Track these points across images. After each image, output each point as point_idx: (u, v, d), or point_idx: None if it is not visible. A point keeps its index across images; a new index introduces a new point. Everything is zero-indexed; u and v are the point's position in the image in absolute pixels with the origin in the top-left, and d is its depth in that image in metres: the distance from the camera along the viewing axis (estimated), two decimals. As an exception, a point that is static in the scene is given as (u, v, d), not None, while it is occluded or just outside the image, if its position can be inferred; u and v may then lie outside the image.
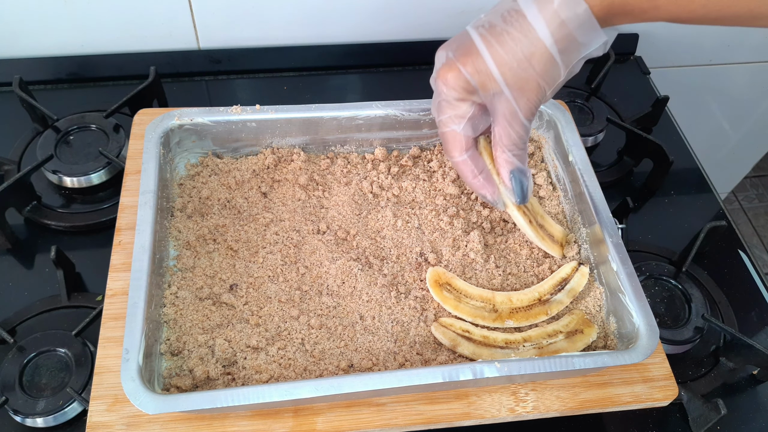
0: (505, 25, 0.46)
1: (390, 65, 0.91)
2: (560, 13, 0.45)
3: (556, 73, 0.47)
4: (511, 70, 0.47)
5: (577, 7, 0.44)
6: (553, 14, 0.45)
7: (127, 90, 0.77)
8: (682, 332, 0.65)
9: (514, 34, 0.46)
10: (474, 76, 0.48)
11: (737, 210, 1.88)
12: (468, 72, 0.48)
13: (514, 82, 0.47)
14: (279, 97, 0.85)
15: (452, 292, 0.58)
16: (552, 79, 0.48)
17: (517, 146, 0.51)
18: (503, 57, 0.46)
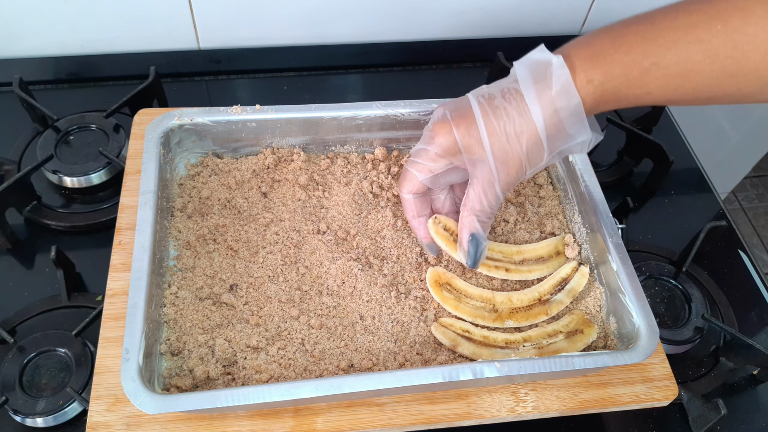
0: (503, 100, 0.49)
1: (390, 65, 0.91)
2: (556, 101, 0.47)
3: (540, 155, 0.50)
4: (500, 142, 0.49)
5: (572, 99, 0.47)
6: (549, 101, 0.47)
7: (127, 90, 0.77)
8: (682, 332, 0.65)
9: (510, 111, 0.48)
10: (464, 138, 0.50)
11: (737, 210, 1.88)
12: (459, 133, 0.50)
13: (500, 154, 0.49)
14: (279, 97, 0.85)
15: (452, 292, 0.58)
16: (535, 161, 0.50)
17: (485, 214, 0.54)
18: (495, 128, 0.49)
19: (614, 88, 0.47)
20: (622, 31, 0.47)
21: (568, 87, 0.47)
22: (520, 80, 0.48)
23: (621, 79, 0.46)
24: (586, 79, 0.47)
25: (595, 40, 0.48)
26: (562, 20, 0.93)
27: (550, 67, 0.47)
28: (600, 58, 0.46)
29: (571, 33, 0.95)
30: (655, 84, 0.46)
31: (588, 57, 0.47)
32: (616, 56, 0.46)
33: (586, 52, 0.47)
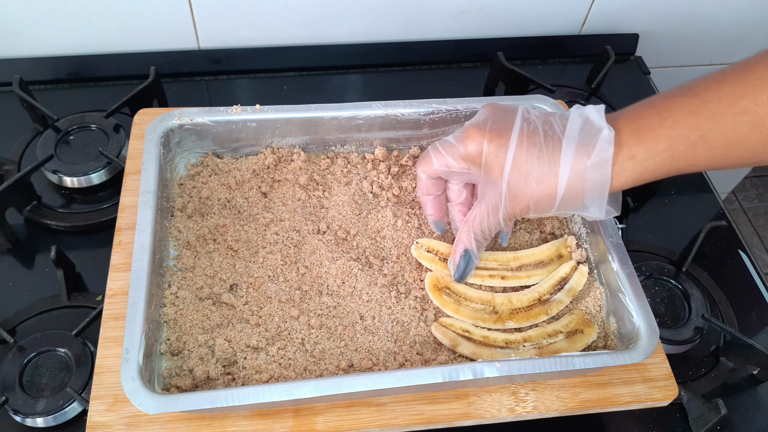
0: (543, 141, 0.48)
1: (390, 65, 0.91)
2: (587, 171, 0.47)
3: (549, 207, 0.50)
4: (519, 177, 0.48)
5: (603, 176, 0.46)
6: (581, 168, 0.47)
7: (127, 90, 0.77)
8: (682, 332, 0.65)
9: (543, 155, 0.48)
10: (489, 156, 0.49)
11: (737, 210, 1.88)
12: (488, 150, 0.49)
13: (515, 187, 0.49)
14: (279, 97, 0.85)
15: (452, 295, 0.58)
16: (540, 211, 0.50)
17: (483, 235, 0.54)
18: (522, 164, 0.48)
19: (657, 164, 0.46)
20: (666, 105, 0.46)
21: (605, 164, 0.46)
22: (568, 132, 0.48)
23: (665, 154, 0.46)
24: (628, 155, 0.46)
25: (640, 113, 0.47)
26: (562, 20, 0.93)
27: (598, 135, 0.46)
28: (645, 132, 0.46)
29: (571, 33, 0.95)
30: (700, 157, 0.46)
31: (634, 132, 0.46)
32: (661, 131, 0.45)
33: (632, 127, 0.46)
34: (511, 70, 0.84)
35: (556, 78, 0.92)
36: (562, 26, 0.94)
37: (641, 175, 0.47)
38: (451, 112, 0.65)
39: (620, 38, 0.95)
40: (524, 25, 0.92)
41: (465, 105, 0.65)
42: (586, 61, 0.93)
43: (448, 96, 0.66)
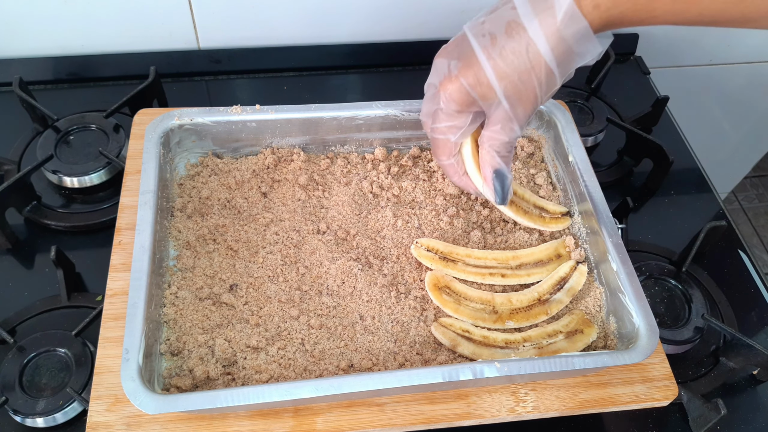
0: (507, 39, 0.47)
1: (390, 65, 0.91)
2: (561, 30, 0.46)
3: (552, 82, 0.49)
4: (511, 83, 0.48)
5: (579, 24, 0.46)
6: (554, 31, 0.46)
7: (127, 90, 0.77)
8: (682, 332, 0.65)
9: (516, 48, 0.47)
10: (475, 88, 0.49)
11: (737, 210, 1.88)
12: (469, 84, 0.49)
13: (513, 93, 0.49)
14: (279, 97, 0.85)
15: (452, 295, 0.58)
16: (548, 89, 0.50)
17: (505, 148, 0.53)
18: (504, 70, 0.48)
19: (621, 13, 0.46)
20: None
21: (573, 13, 0.46)
22: (521, 12, 0.47)
23: (628, 4, 0.45)
24: (593, 5, 0.46)
25: None
26: (562, 20, 0.93)
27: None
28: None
29: (571, 33, 0.95)
30: (661, 9, 0.45)
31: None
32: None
33: None
34: (511, 70, 0.84)
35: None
36: (562, 26, 0.93)
37: (607, 22, 0.47)
38: (451, 112, 0.65)
39: (620, 38, 0.95)
40: (524, 25, 0.92)
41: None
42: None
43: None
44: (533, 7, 0.46)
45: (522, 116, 0.51)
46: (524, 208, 0.62)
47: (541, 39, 0.46)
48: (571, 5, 0.45)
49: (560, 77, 0.49)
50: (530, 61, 0.47)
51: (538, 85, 0.49)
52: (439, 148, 0.55)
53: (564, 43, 0.47)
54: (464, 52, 0.49)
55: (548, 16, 0.46)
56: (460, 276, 0.59)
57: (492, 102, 0.50)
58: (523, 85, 0.48)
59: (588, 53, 0.48)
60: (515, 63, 0.47)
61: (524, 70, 0.48)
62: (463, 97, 0.50)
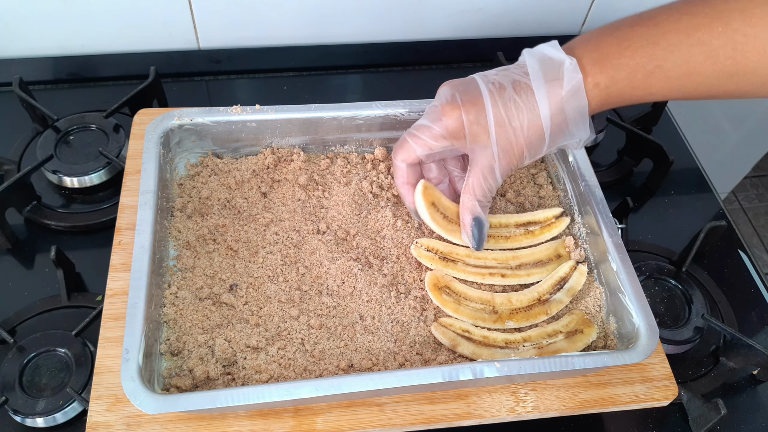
0: (513, 93, 0.50)
1: (390, 65, 0.91)
2: (564, 101, 0.49)
3: (541, 148, 0.52)
4: (506, 134, 0.50)
5: (580, 101, 0.49)
6: (558, 101, 0.49)
7: (127, 90, 0.77)
8: (682, 332, 0.65)
9: (520, 105, 0.50)
10: (472, 126, 0.50)
11: (737, 210, 1.88)
12: (468, 119, 0.50)
13: (505, 144, 0.51)
14: (279, 97, 0.85)
15: (452, 295, 0.58)
16: (535, 153, 0.52)
17: (486, 197, 0.55)
18: (504, 120, 0.50)
19: (619, 90, 0.48)
20: (627, 34, 0.48)
21: (579, 90, 0.48)
22: (532, 75, 0.49)
23: (626, 82, 0.48)
24: (593, 83, 0.48)
25: (601, 42, 0.49)
26: (562, 20, 0.93)
27: (562, 66, 0.48)
28: (606, 62, 0.48)
29: (571, 33, 0.95)
30: (658, 86, 0.47)
31: (595, 61, 0.48)
32: (621, 60, 0.47)
33: (593, 56, 0.49)
34: (511, 70, 0.84)
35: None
36: (562, 26, 0.94)
37: (606, 100, 0.49)
38: (451, 112, 0.65)
39: (620, 38, 0.95)
40: (524, 25, 0.92)
41: None
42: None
43: (448, 96, 0.65)
44: (544, 74, 0.49)
45: (505, 169, 0.52)
46: (504, 234, 0.62)
47: (545, 105, 0.49)
48: (579, 82, 0.48)
49: (547, 148, 0.52)
50: (529, 120, 0.50)
51: (528, 145, 0.51)
52: (402, 149, 0.56)
53: (562, 115, 0.49)
54: (471, 91, 0.51)
55: (556, 86, 0.49)
56: (460, 276, 0.59)
57: (478, 145, 0.51)
58: (515, 140, 0.50)
59: (578, 133, 0.51)
60: (515, 117, 0.50)
61: (520, 126, 0.50)
62: (455, 127, 0.51)
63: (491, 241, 0.61)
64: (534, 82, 0.49)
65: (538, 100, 0.49)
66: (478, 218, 0.56)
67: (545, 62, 0.49)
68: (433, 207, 0.59)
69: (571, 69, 0.48)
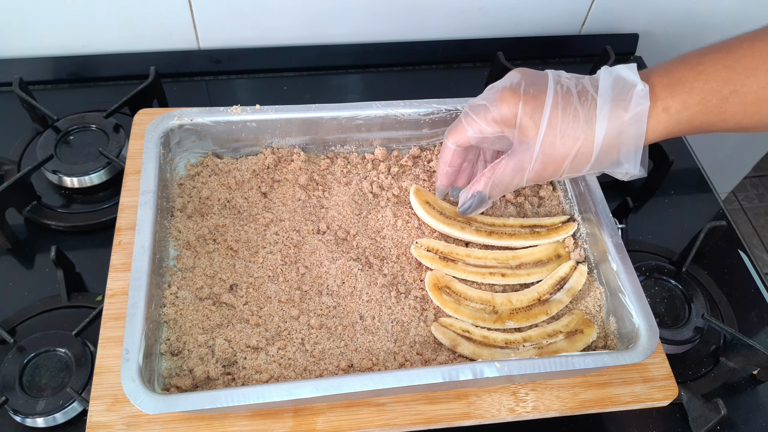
0: (577, 101, 0.48)
1: (390, 65, 0.91)
2: (623, 126, 0.47)
3: (582, 166, 0.50)
4: (554, 137, 0.49)
5: (639, 130, 0.47)
6: (617, 123, 0.47)
7: (127, 90, 0.77)
8: (682, 332, 0.65)
9: (579, 115, 0.48)
10: (524, 118, 0.49)
11: (737, 210, 1.88)
12: (523, 111, 0.49)
13: (548, 148, 0.49)
14: (279, 97, 0.85)
15: (452, 295, 0.58)
16: (575, 168, 0.50)
17: (502, 188, 0.54)
18: (557, 123, 0.48)
19: (690, 116, 0.47)
20: (700, 59, 0.47)
21: (642, 119, 0.47)
22: (600, 90, 0.48)
23: (699, 107, 0.46)
24: (663, 107, 0.47)
25: (674, 67, 0.48)
26: (562, 20, 0.93)
27: (632, 90, 0.47)
28: (679, 86, 0.47)
29: (571, 33, 0.95)
30: (732, 111, 0.46)
31: (667, 85, 0.47)
32: (695, 84, 0.46)
33: (665, 81, 0.47)
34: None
35: (556, 78, 0.92)
36: (562, 26, 0.94)
37: (675, 127, 0.48)
38: (451, 112, 0.65)
39: (620, 38, 0.95)
40: (524, 25, 0.92)
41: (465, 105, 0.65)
42: (586, 61, 0.93)
43: (448, 96, 0.66)
44: (613, 93, 0.47)
45: (537, 173, 0.51)
46: (508, 232, 0.62)
47: (603, 123, 0.47)
48: (644, 109, 0.46)
49: (590, 167, 0.50)
50: (582, 133, 0.48)
51: (571, 158, 0.49)
52: (456, 130, 0.55)
53: (617, 140, 0.48)
54: (538, 84, 0.50)
55: (620, 107, 0.47)
56: (460, 276, 0.59)
57: (523, 140, 0.50)
58: (560, 148, 0.49)
59: (627, 164, 0.49)
60: (570, 125, 0.48)
61: (571, 136, 0.48)
62: (509, 114, 0.50)
63: (494, 237, 0.61)
64: (600, 97, 0.48)
65: (598, 116, 0.47)
66: (483, 195, 0.55)
67: (618, 81, 0.48)
68: (428, 205, 0.60)
69: (641, 95, 0.47)
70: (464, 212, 0.58)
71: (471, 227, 0.61)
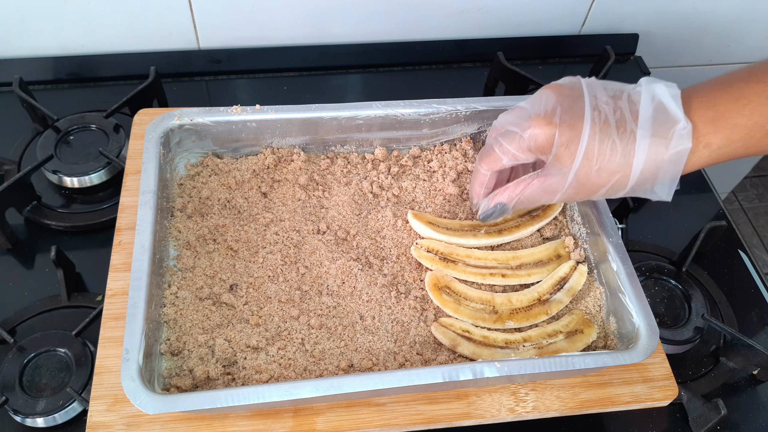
0: (615, 133, 0.46)
1: (390, 65, 0.91)
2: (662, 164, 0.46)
3: (613, 195, 0.49)
4: (589, 168, 0.47)
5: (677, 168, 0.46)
6: (656, 161, 0.46)
7: (127, 90, 0.77)
8: (682, 332, 0.65)
9: (617, 148, 0.46)
10: (561, 148, 0.48)
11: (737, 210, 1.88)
12: (560, 141, 0.47)
13: (583, 177, 0.48)
14: (279, 97, 0.85)
15: (452, 295, 0.58)
16: (606, 194, 0.49)
17: (527, 204, 0.54)
18: (593, 155, 0.47)
19: (731, 151, 0.46)
20: (743, 91, 0.46)
21: (681, 159, 0.46)
22: (641, 122, 0.46)
23: (741, 143, 0.46)
24: (704, 144, 0.46)
25: (716, 98, 0.46)
26: (562, 20, 0.93)
27: (674, 126, 0.45)
28: (722, 121, 0.46)
29: (571, 33, 0.95)
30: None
31: (710, 120, 0.46)
32: (739, 120, 0.45)
33: (708, 114, 0.46)
34: (511, 70, 0.84)
35: (556, 78, 0.91)
36: (562, 26, 0.94)
37: (714, 161, 0.47)
38: (451, 112, 0.65)
39: (620, 38, 0.95)
40: (524, 25, 0.92)
41: (465, 105, 0.65)
42: (586, 61, 0.93)
43: (448, 96, 0.66)
44: (653, 127, 0.46)
45: (568, 197, 0.50)
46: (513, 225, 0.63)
47: (641, 159, 0.46)
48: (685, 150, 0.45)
49: (621, 194, 0.49)
50: (619, 167, 0.47)
51: (605, 187, 0.48)
52: (489, 158, 0.53)
53: (654, 174, 0.47)
54: (574, 111, 0.48)
55: (660, 145, 0.46)
56: (461, 276, 0.59)
57: (557, 166, 0.49)
58: (595, 179, 0.48)
59: (660, 193, 0.49)
60: (606, 158, 0.47)
61: (607, 170, 0.47)
62: (545, 142, 0.48)
63: (505, 234, 0.62)
64: (640, 130, 0.46)
65: (637, 152, 0.46)
66: (507, 208, 0.54)
67: (660, 113, 0.46)
68: (431, 224, 0.61)
69: (683, 135, 0.45)
70: (485, 219, 0.57)
71: (481, 231, 0.61)
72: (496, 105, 0.66)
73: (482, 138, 0.69)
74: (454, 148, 0.68)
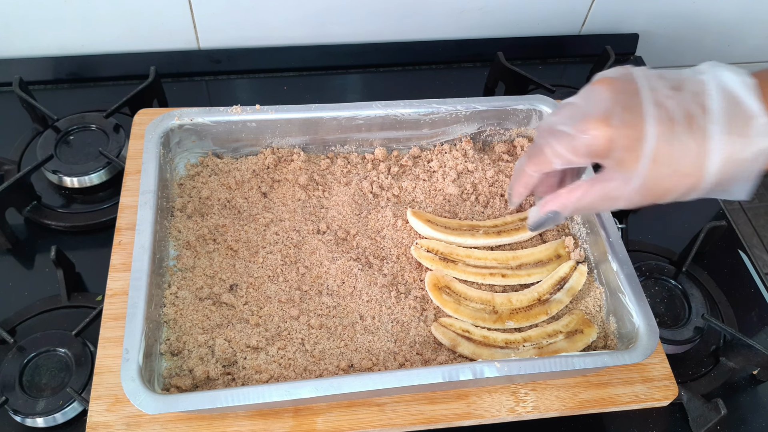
0: (685, 132, 0.41)
1: (390, 65, 0.91)
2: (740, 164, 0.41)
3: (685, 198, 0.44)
4: (658, 173, 0.42)
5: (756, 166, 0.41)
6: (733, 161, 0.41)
7: (127, 90, 0.77)
8: (682, 332, 0.65)
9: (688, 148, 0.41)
10: (622, 151, 0.42)
11: (737, 210, 1.88)
12: (620, 144, 0.42)
13: (651, 182, 0.42)
14: (279, 97, 0.85)
15: (452, 295, 0.58)
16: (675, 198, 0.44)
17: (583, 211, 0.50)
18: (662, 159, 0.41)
19: None
20: None
21: (761, 156, 0.40)
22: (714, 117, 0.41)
23: None
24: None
25: None
26: (562, 20, 0.93)
27: (751, 122, 0.40)
28: None
29: (571, 33, 0.95)
30: None
31: None
32: None
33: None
34: (511, 70, 0.84)
35: (556, 78, 0.92)
36: (562, 26, 0.94)
37: None
38: (451, 112, 0.65)
39: (620, 38, 0.95)
40: (524, 25, 0.92)
41: (465, 105, 0.65)
42: (586, 61, 0.93)
43: (448, 96, 0.66)
44: (727, 124, 0.41)
45: (632, 204, 0.45)
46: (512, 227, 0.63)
47: (716, 160, 0.41)
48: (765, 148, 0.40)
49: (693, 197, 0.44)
50: (691, 168, 0.41)
51: (675, 191, 0.43)
52: (539, 160, 0.47)
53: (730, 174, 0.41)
54: (633, 110, 0.42)
55: (737, 143, 0.40)
56: (461, 276, 0.59)
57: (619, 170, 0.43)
58: (665, 183, 0.42)
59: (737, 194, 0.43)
60: (677, 161, 0.41)
61: (679, 173, 0.42)
62: (601, 147, 0.42)
63: (503, 235, 0.62)
64: (712, 126, 0.40)
65: (710, 152, 0.40)
66: (559, 216, 0.49)
67: (732, 106, 0.41)
68: (430, 223, 0.61)
69: (764, 131, 0.40)
70: (535, 228, 0.52)
71: (479, 232, 0.61)
72: (496, 105, 0.66)
73: (482, 138, 0.69)
74: (454, 148, 0.68)
